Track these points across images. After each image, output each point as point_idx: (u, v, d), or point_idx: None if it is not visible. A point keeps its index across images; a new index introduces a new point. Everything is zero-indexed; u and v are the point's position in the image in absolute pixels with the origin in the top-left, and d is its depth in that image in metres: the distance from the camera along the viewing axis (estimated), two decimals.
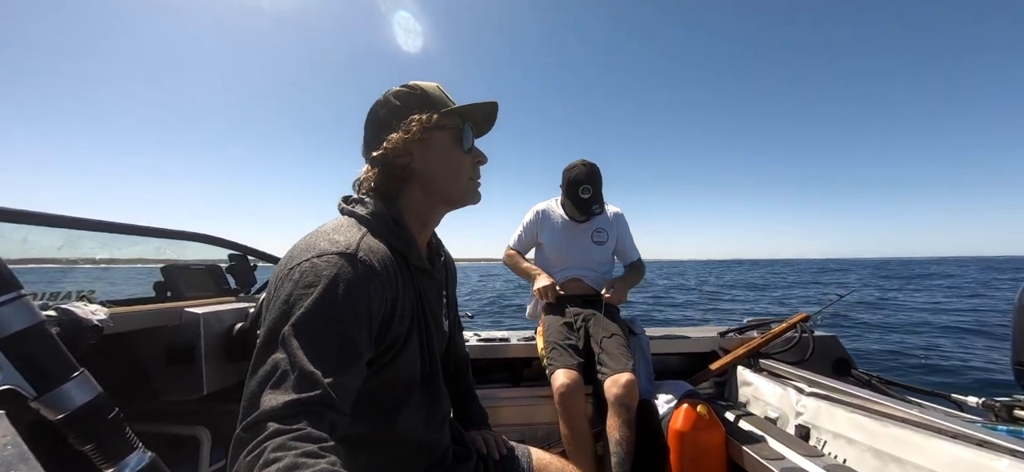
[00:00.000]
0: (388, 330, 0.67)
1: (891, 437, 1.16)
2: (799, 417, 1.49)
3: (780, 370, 1.73)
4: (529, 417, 1.86)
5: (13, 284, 0.36)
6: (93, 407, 0.38)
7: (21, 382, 0.35)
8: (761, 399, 1.70)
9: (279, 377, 0.52)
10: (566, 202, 1.99)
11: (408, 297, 0.72)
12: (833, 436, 1.33)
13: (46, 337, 0.37)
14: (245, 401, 0.52)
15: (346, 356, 0.57)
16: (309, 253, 0.61)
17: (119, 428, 0.40)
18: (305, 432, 0.48)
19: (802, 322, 1.90)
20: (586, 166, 1.92)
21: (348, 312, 0.58)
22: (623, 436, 1.48)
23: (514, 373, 2.06)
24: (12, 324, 0.35)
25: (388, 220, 0.72)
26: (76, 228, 1.18)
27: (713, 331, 2.13)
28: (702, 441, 1.45)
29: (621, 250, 2.10)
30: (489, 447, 0.97)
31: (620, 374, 1.56)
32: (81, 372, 0.39)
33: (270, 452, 0.45)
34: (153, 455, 0.41)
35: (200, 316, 1.33)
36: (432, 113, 0.75)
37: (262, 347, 0.56)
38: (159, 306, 1.34)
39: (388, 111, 0.76)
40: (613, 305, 1.92)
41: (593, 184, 1.90)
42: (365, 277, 0.61)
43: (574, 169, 1.93)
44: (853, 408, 1.31)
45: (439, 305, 0.86)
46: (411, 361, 0.73)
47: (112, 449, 0.39)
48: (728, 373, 1.94)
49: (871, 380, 1.70)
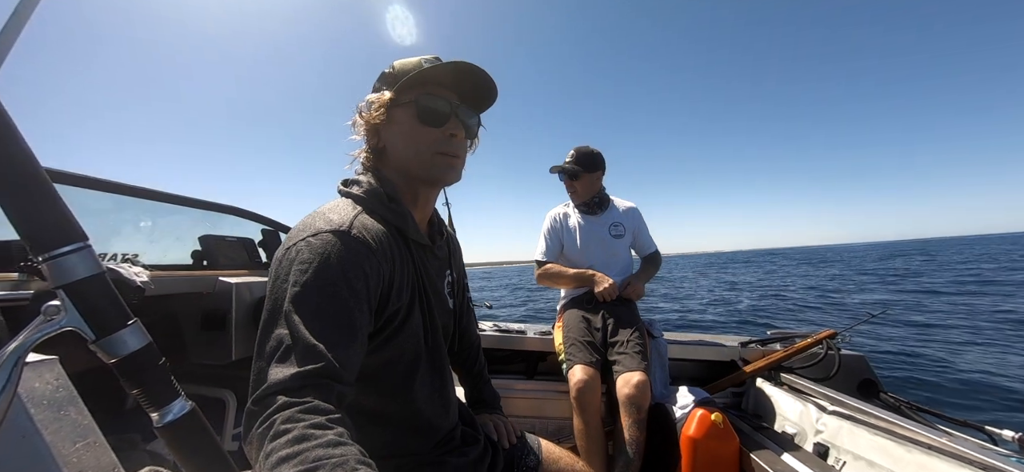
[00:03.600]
0: (387, 304, 0.68)
1: (916, 464, 1.12)
2: (818, 435, 1.45)
3: (802, 385, 1.68)
4: (541, 410, 1.88)
5: (80, 234, 0.39)
6: (143, 354, 0.41)
7: (82, 325, 0.38)
8: (780, 413, 1.66)
9: (284, 352, 0.54)
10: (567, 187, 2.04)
11: (407, 271, 0.73)
12: (853, 457, 1.29)
13: (106, 286, 0.40)
14: (254, 376, 0.54)
15: (346, 329, 0.58)
16: (305, 232, 0.63)
17: (166, 376, 0.43)
18: (313, 404, 0.50)
19: (829, 339, 1.84)
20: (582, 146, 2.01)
21: (345, 287, 0.59)
22: (633, 437, 1.48)
23: (529, 366, 2.08)
24: (78, 271, 0.38)
25: (382, 196, 0.73)
26: (123, 194, 1.26)
27: (734, 340, 2.09)
28: (715, 450, 1.43)
29: (638, 243, 2.11)
30: (499, 433, 0.98)
31: (632, 373, 1.56)
32: (135, 321, 0.42)
33: (280, 424, 0.47)
34: (193, 404, 0.44)
35: (233, 285, 1.40)
36: (387, 90, 0.73)
37: (266, 324, 0.58)
38: (196, 273, 1.41)
39: (368, 96, 0.78)
40: (632, 303, 1.92)
41: (578, 154, 1.98)
42: (359, 252, 0.62)
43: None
44: (877, 430, 1.27)
45: (441, 282, 0.87)
46: (414, 335, 0.74)
47: (158, 394, 0.42)
48: (747, 384, 1.90)
49: (899, 405, 1.64)
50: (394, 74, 0.75)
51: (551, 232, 2.07)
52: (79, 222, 0.40)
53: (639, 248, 2.12)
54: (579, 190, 2.00)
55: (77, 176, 1.11)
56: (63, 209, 0.39)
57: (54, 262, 0.37)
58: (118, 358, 0.40)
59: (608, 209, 2.05)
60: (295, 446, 0.45)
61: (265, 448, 0.46)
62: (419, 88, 0.74)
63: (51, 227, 0.38)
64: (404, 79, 0.72)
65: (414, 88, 0.73)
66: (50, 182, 0.38)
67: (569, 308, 1.94)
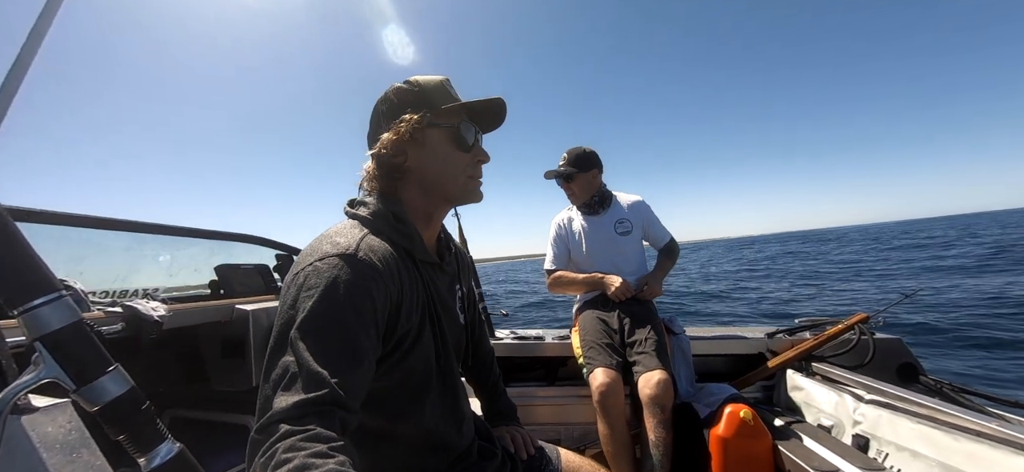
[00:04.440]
0: (396, 326, 0.67)
1: (965, 453, 1.05)
2: (857, 426, 1.38)
3: (836, 375, 1.61)
4: (564, 417, 1.84)
5: (53, 285, 0.40)
6: (125, 400, 0.41)
7: (61, 375, 0.39)
8: (813, 406, 1.59)
9: (289, 379, 0.54)
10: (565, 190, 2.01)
11: (416, 292, 0.72)
12: (896, 449, 1.22)
13: (83, 335, 0.41)
14: (260, 403, 0.54)
15: (351, 355, 0.58)
16: (312, 257, 0.63)
17: (150, 420, 0.43)
18: (315, 432, 0.49)
19: (861, 323, 1.75)
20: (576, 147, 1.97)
21: (351, 312, 0.59)
22: (659, 438, 1.43)
23: (549, 372, 2.05)
24: (53, 322, 0.39)
25: (389, 217, 0.73)
26: (140, 231, 1.29)
27: (760, 332, 2.02)
28: (747, 448, 1.37)
29: (651, 235, 2.04)
30: (516, 445, 0.96)
31: (653, 372, 1.51)
32: (115, 367, 0.42)
33: (281, 453, 0.47)
34: (181, 446, 0.44)
35: (249, 312, 1.42)
36: (424, 112, 0.74)
37: (272, 351, 0.57)
38: (213, 303, 1.44)
39: (386, 108, 0.77)
40: (648, 301, 1.87)
41: (570, 156, 1.94)
42: (366, 276, 0.62)
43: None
44: (920, 418, 1.19)
45: (452, 298, 0.86)
46: (425, 355, 0.73)
47: (144, 439, 0.42)
48: (777, 377, 1.82)
49: (942, 388, 1.54)
50: (423, 94, 0.75)
51: (557, 239, 2.04)
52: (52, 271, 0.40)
53: (652, 240, 2.05)
54: (576, 191, 1.97)
55: (92, 218, 1.14)
56: (33, 261, 0.39)
57: (28, 315, 0.38)
58: (99, 405, 0.40)
59: (611, 206, 2.00)
60: None
61: None
62: (456, 116, 0.76)
63: (22, 281, 0.39)
64: (446, 105, 0.75)
65: (450, 113, 0.75)
66: (18, 234, 0.39)
67: (584, 310, 1.91)
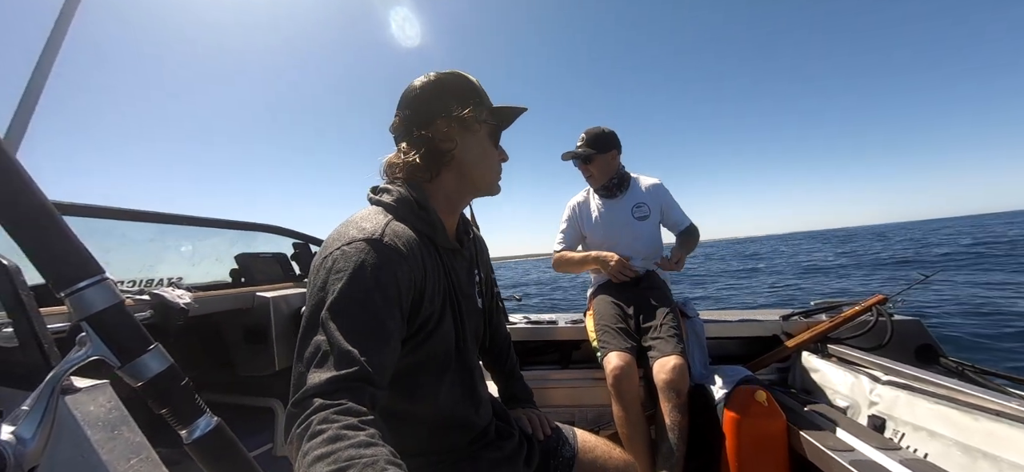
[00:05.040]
0: (419, 309, 0.70)
1: (984, 431, 1.04)
2: (873, 407, 1.37)
3: (852, 356, 1.60)
4: (578, 399, 1.87)
5: (97, 268, 0.42)
6: (166, 376, 0.44)
7: (107, 353, 0.41)
8: (829, 387, 1.59)
9: (321, 357, 0.57)
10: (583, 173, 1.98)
11: (438, 277, 0.74)
12: (913, 429, 1.22)
13: (125, 315, 0.43)
14: (294, 379, 0.58)
15: (379, 335, 0.60)
16: (340, 242, 0.65)
17: (190, 395, 0.45)
18: (347, 407, 0.52)
19: (879, 304, 1.73)
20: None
21: (378, 294, 0.62)
22: (674, 421, 1.44)
23: (563, 355, 2.07)
24: (97, 303, 0.41)
25: (413, 204, 0.75)
26: (163, 222, 1.33)
27: (775, 314, 2.01)
28: (761, 429, 1.38)
29: (669, 220, 1.99)
30: (533, 426, 0.98)
31: (668, 357, 1.52)
32: (155, 345, 0.44)
33: (316, 425, 0.50)
34: (219, 420, 0.46)
35: (270, 299, 1.46)
36: (482, 107, 0.80)
37: (305, 331, 0.61)
38: (235, 291, 1.48)
39: (436, 93, 0.78)
40: (663, 285, 1.87)
41: (588, 137, 1.90)
42: (391, 260, 0.64)
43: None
44: (938, 398, 1.19)
45: (471, 283, 0.88)
46: (446, 339, 0.76)
47: (184, 412, 0.44)
48: (792, 359, 1.82)
49: (962, 369, 1.52)
50: (474, 89, 0.80)
51: (569, 221, 2.03)
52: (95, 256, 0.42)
53: (671, 225, 2.01)
54: (595, 173, 1.93)
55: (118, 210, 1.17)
56: (78, 246, 0.41)
57: (74, 297, 0.40)
58: (143, 381, 0.42)
59: (629, 189, 1.96)
60: (329, 446, 0.47)
61: (303, 447, 0.49)
62: (495, 115, 0.83)
63: (68, 264, 0.41)
64: (499, 107, 0.83)
65: (496, 113, 0.83)
66: (63, 222, 0.41)
67: (598, 294, 1.91)
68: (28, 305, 0.60)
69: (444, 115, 0.77)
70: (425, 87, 0.79)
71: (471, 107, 0.78)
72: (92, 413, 0.54)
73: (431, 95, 0.78)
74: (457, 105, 0.77)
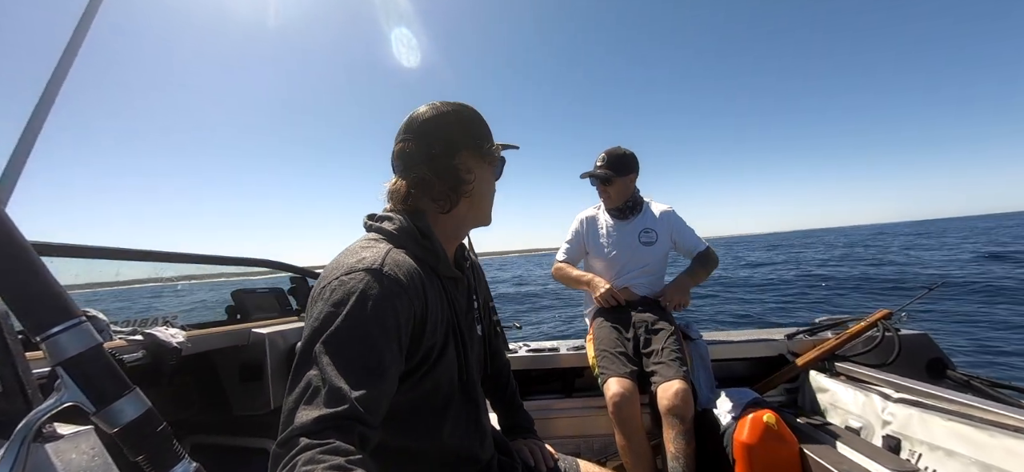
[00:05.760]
0: (420, 341, 0.68)
1: (1004, 449, 1.01)
2: (886, 427, 1.33)
3: (861, 374, 1.56)
4: (583, 429, 1.81)
5: (73, 312, 0.41)
6: (143, 421, 0.42)
7: (82, 399, 0.40)
8: (840, 407, 1.54)
9: (311, 393, 0.55)
10: (600, 192, 1.97)
11: (440, 308, 0.73)
12: (929, 448, 1.18)
13: (102, 358, 0.42)
14: (283, 416, 0.55)
15: (374, 370, 0.58)
16: (338, 272, 0.64)
17: (168, 440, 0.44)
18: (333, 446, 0.50)
19: (884, 319, 1.71)
20: (613, 148, 1.93)
21: (376, 326, 0.60)
22: (679, 449, 1.40)
23: (566, 383, 2.02)
24: (73, 347, 0.40)
25: (415, 233, 0.73)
26: (158, 261, 1.32)
27: (779, 333, 1.97)
28: (772, 454, 1.33)
29: (682, 246, 1.97)
30: (536, 458, 0.95)
31: (671, 382, 1.48)
32: (133, 390, 0.43)
33: (301, 466, 0.48)
34: (198, 466, 0.44)
35: (265, 336, 1.44)
36: (498, 145, 0.84)
37: (298, 365, 0.59)
38: (230, 327, 1.46)
39: (458, 125, 0.79)
40: (665, 311, 1.84)
41: (608, 158, 1.89)
42: (391, 291, 0.62)
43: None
44: (953, 415, 1.15)
45: (470, 310, 0.87)
46: (449, 370, 0.74)
47: (161, 459, 0.43)
48: (800, 379, 1.78)
49: (973, 383, 1.49)
50: (485, 125, 0.83)
51: (575, 235, 2.03)
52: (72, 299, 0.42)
53: (685, 251, 1.99)
54: (613, 195, 1.92)
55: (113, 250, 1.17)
56: (54, 289, 0.41)
57: (49, 341, 0.40)
58: (118, 427, 0.41)
59: (641, 213, 1.95)
60: None
61: None
62: (498, 151, 0.85)
63: (44, 308, 0.40)
64: (501, 143, 0.86)
65: (500, 148, 0.86)
66: (40, 263, 0.40)
67: (597, 317, 1.89)
68: (13, 349, 0.59)
69: (469, 147, 0.78)
70: (443, 117, 0.78)
71: (491, 142, 0.82)
72: (74, 462, 0.52)
73: (452, 125, 0.78)
74: (480, 139, 0.80)
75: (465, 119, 0.80)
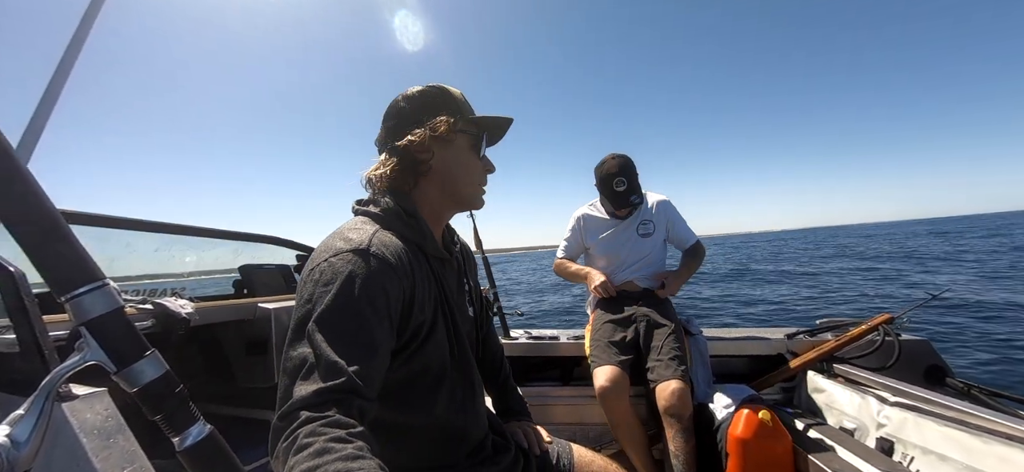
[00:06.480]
0: (409, 319, 0.69)
1: (996, 456, 1.02)
2: (881, 429, 1.34)
3: (859, 376, 1.57)
4: (580, 417, 1.84)
5: (97, 275, 0.42)
6: (161, 382, 0.44)
7: (104, 358, 0.42)
8: (835, 408, 1.56)
9: (307, 369, 0.56)
10: (604, 200, 1.94)
11: (428, 286, 0.74)
12: (922, 452, 1.19)
13: (124, 321, 0.44)
14: (280, 393, 0.57)
15: (367, 346, 0.60)
16: (327, 253, 0.65)
17: (184, 402, 0.45)
18: (334, 418, 0.51)
19: (885, 324, 1.71)
20: (616, 159, 1.86)
21: (366, 304, 0.61)
22: (678, 447, 1.43)
23: (565, 372, 2.05)
24: (96, 308, 0.42)
25: (401, 214, 0.75)
26: (168, 233, 1.34)
27: (779, 333, 1.98)
28: (765, 450, 1.35)
29: (675, 237, 1.99)
30: (529, 441, 0.97)
31: (669, 382, 1.50)
32: (152, 352, 0.45)
33: (302, 438, 0.49)
34: (212, 428, 0.46)
35: (271, 311, 1.47)
36: (457, 117, 0.80)
37: (291, 343, 0.60)
38: (237, 302, 1.49)
39: (415, 106, 0.79)
40: (666, 301, 1.86)
41: (626, 175, 1.84)
42: (379, 271, 0.64)
43: (605, 165, 1.88)
44: (947, 421, 1.16)
45: (461, 292, 0.89)
46: (439, 347, 0.75)
47: (178, 420, 0.44)
48: (797, 379, 1.79)
49: (971, 391, 1.49)
50: (453, 99, 0.81)
51: (574, 232, 2.04)
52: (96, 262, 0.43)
53: (677, 242, 2.01)
54: (631, 213, 1.93)
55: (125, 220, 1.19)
56: (80, 252, 0.42)
57: (74, 301, 0.41)
58: (138, 387, 0.43)
59: (639, 207, 1.96)
60: (316, 459, 0.46)
61: (288, 462, 0.48)
62: (478, 126, 0.83)
63: (70, 270, 0.42)
64: (474, 115, 0.82)
65: (475, 123, 0.82)
66: (68, 228, 0.42)
67: (597, 309, 1.91)
68: (31, 311, 0.61)
69: (419, 126, 0.78)
70: (402, 100, 0.80)
71: (446, 117, 0.78)
72: (89, 421, 0.54)
73: (408, 108, 0.79)
74: (433, 116, 0.78)
75: (424, 99, 0.80)
